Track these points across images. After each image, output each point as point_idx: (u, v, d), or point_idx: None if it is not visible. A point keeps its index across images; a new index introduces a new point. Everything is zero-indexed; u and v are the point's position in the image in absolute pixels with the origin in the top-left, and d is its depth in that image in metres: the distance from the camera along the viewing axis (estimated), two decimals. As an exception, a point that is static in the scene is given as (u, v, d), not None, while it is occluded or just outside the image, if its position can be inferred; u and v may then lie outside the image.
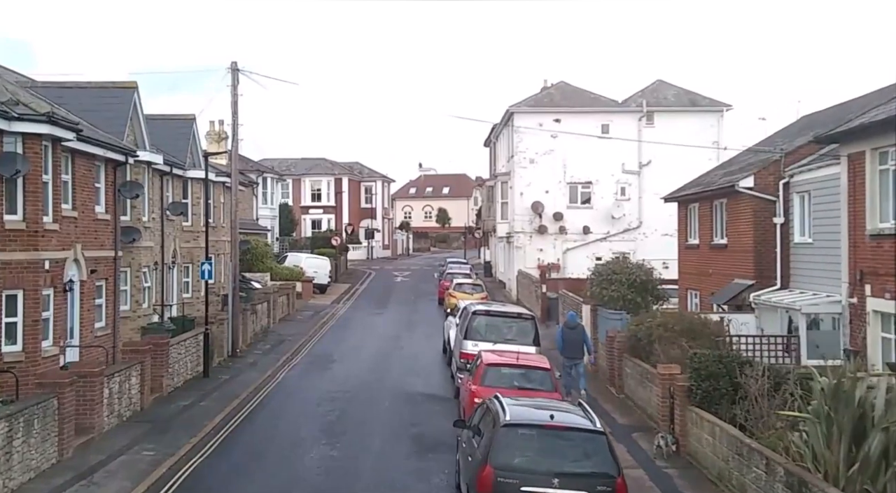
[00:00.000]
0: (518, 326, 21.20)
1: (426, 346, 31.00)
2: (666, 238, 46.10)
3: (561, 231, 47.58)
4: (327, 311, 42.75)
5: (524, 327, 21.16)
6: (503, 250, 54.87)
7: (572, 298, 29.96)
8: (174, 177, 30.90)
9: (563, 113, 47.57)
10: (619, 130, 47.16)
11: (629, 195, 47.56)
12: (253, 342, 31.70)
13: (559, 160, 47.60)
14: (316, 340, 33.08)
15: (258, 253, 48.01)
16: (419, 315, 41.40)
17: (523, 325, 21.21)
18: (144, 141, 26.77)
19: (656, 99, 47.75)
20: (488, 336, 20.98)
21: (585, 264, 46.51)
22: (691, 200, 30.25)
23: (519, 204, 47.90)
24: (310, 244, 67.56)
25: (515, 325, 21.24)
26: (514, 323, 21.26)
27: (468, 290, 40.28)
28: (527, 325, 21.21)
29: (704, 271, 28.69)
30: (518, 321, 21.26)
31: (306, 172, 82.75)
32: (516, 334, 21.06)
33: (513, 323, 21.27)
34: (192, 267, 32.25)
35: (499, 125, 54.82)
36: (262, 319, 34.97)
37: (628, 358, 20.89)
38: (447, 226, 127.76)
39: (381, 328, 36.36)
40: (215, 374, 25.13)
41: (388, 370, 25.96)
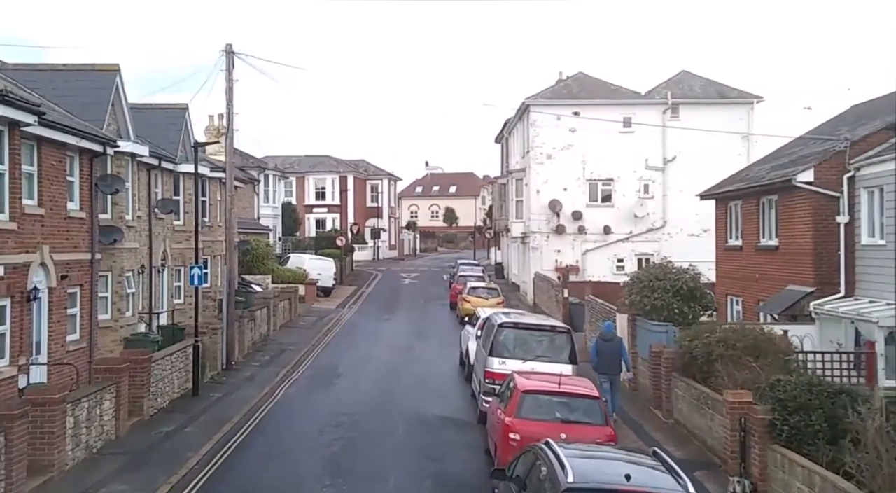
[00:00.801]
0: (551, 340, 18.38)
1: (440, 358, 28.20)
2: (692, 239, 43.48)
3: (580, 231, 44.76)
4: (332, 316, 40.00)
5: (558, 341, 18.34)
6: (517, 250, 52.07)
7: (602, 304, 27.15)
8: (164, 171, 28.20)
9: (583, 105, 44.72)
10: (642, 124, 44.37)
11: (653, 193, 44.72)
12: (251, 353, 28.96)
13: (578, 156, 44.79)
14: (319, 349, 30.32)
15: (259, 254, 45.31)
16: (430, 322, 38.61)
17: (557, 339, 18.39)
18: (129, 130, 24.06)
19: (681, 91, 44.90)
20: (517, 353, 18.18)
21: (606, 266, 43.97)
22: (733, 196, 27.43)
23: (535, 202, 45.10)
24: (314, 245, 64.84)
25: (548, 339, 18.43)
26: (546, 337, 18.44)
27: (483, 294, 37.49)
28: (561, 339, 18.38)
29: (749, 275, 25.86)
30: (551, 335, 18.44)
31: (310, 169, 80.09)
32: (549, 350, 18.25)
33: (545, 337, 18.45)
34: (185, 270, 29.50)
35: (513, 119, 52.02)
36: (261, 326, 32.23)
37: (679, 378, 18.08)
38: (454, 226, 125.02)
39: (389, 336, 33.58)
40: (206, 391, 22.38)
41: (399, 387, 23.17)
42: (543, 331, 18.54)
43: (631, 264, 44.64)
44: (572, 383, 14.66)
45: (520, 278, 50.77)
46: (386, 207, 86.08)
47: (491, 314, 20.62)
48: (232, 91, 25.93)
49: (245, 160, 57.10)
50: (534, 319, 19.87)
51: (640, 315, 21.99)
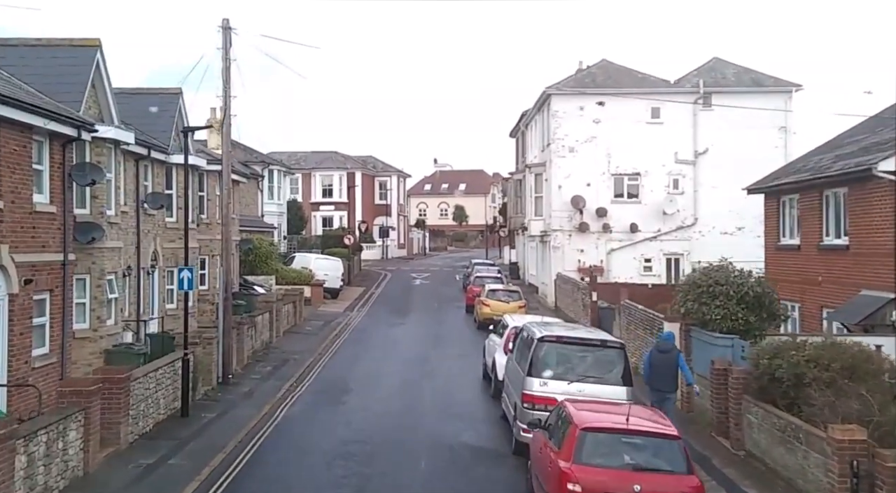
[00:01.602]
0: (601, 357, 15.49)
1: (461, 370, 25.35)
2: (725, 237, 40.66)
3: (605, 229, 41.87)
4: (339, 320, 37.21)
5: (610, 359, 15.46)
6: (535, 250, 49.20)
7: (642, 311, 24.24)
8: (154, 162, 25.41)
9: (608, 95, 41.85)
10: (671, 115, 41.52)
11: (683, 188, 41.81)
12: (250, 363, 26.18)
13: (602, 149, 41.90)
14: (326, 359, 27.51)
15: (262, 254, 42.58)
16: (447, 327, 35.76)
17: (608, 356, 15.50)
18: (112, 115, 21.30)
19: (714, 79, 41.98)
20: (561, 372, 15.32)
21: (633, 267, 41.13)
22: (789, 190, 24.53)
23: (557, 198, 42.22)
24: (320, 243, 62.08)
25: (598, 356, 15.53)
26: (595, 353, 15.54)
27: (503, 297, 34.64)
28: (613, 356, 15.50)
29: (810, 279, 22.98)
30: (601, 351, 15.54)
31: (316, 165, 77.39)
32: (599, 370, 15.38)
33: (594, 353, 15.55)
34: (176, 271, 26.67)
35: (531, 111, 49.15)
36: (262, 332, 29.46)
37: (753, 402, 15.21)
38: (464, 224, 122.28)
39: (403, 344, 30.75)
40: (198, 411, 19.59)
41: (418, 408, 20.33)
42: (592, 346, 15.65)
43: (659, 264, 41.82)
44: (643, 417, 11.79)
45: (538, 279, 47.91)
46: (395, 204, 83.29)
47: (525, 325, 17.73)
48: (229, 71, 23.16)
49: (248, 155, 54.47)
50: (582, 332, 16.91)
51: (694, 326, 19.09)
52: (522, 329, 17.75)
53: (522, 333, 17.48)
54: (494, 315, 33.47)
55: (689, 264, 41.12)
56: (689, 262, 41.36)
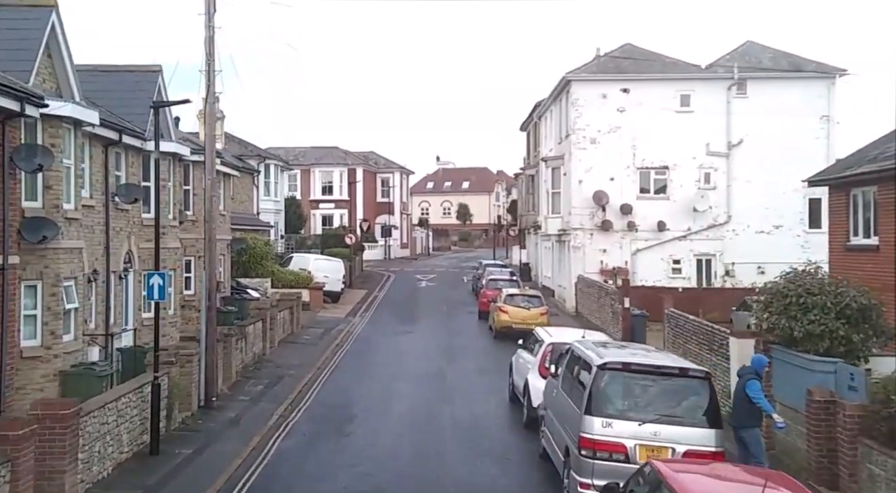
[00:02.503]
0: (680, 390, 12.03)
1: (483, 390, 21.89)
2: (761, 237, 37.36)
3: (629, 227, 38.45)
4: (341, 328, 33.79)
5: (692, 392, 12.01)
6: (550, 250, 45.78)
7: (695, 323, 20.79)
8: (129, 150, 21.99)
9: (633, 81, 38.47)
10: (702, 103, 38.14)
11: (715, 183, 38.37)
12: (240, 381, 22.76)
13: (627, 140, 38.48)
14: (326, 375, 24.09)
15: (256, 254, 39.19)
16: (460, 336, 32.30)
17: (690, 389, 12.05)
18: (72, 90, 17.91)
19: (748, 64, 38.55)
20: (631, 410, 11.87)
21: (660, 269, 37.76)
22: (866, 181, 21.06)
23: (577, 194, 38.79)
24: (320, 243, 58.69)
25: (676, 388, 12.09)
26: (674, 386, 12.09)
27: (522, 303, 31.21)
28: (695, 389, 12.04)
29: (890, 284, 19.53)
30: (682, 383, 12.07)
31: (316, 161, 73.98)
32: (680, 407, 11.93)
33: (671, 385, 12.12)
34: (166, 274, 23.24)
35: (546, 100, 45.72)
36: (254, 344, 26.03)
37: (878, 449, 11.78)
38: (468, 223, 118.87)
39: (412, 357, 27.31)
40: (172, 445, 16.20)
41: (438, 443, 16.86)
42: (669, 376, 12.19)
43: (689, 266, 38.40)
44: (775, 483, 8.37)
45: (554, 281, 44.49)
46: (398, 202, 79.86)
47: (575, 345, 14.24)
48: (213, 43, 19.70)
49: (243, 148, 51.11)
50: (654, 357, 13.30)
51: (776, 344, 15.66)
52: (570, 351, 14.29)
53: (571, 355, 14.03)
54: (513, 323, 30.17)
55: (722, 265, 37.85)
56: (721, 263, 38.10)
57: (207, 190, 20.01)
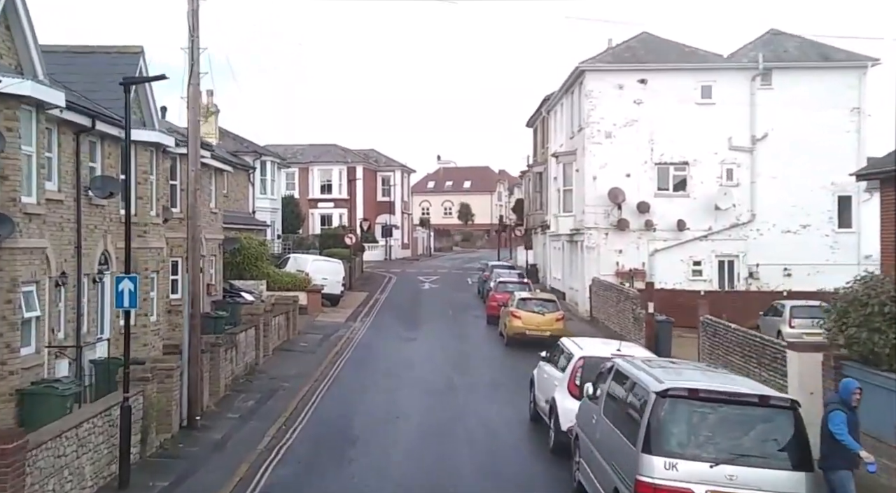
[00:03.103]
0: (761, 423, 9.77)
1: (500, 408, 19.60)
2: (788, 236, 35.16)
3: (647, 227, 36.22)
4: (341, 333, 31.57)
5: (775, 425, 9.74)
6: (560, 251, 43.56)
7: (739, 333, 18.51)
8: (105, 138, 19.71)
9: (651, 71, 36.25)
10: (724, 94, 35.94)
11: (738, 179, 36.15)
12: (228, 396, 20.50)
13: (645, 134, 36.27)
14: (325, 389, 21.82)
15: (251, 254, 37.00)
16: (469, 343, 30.05)
17: (772, 422, 9.77)
18: (35, 68, 15.67)
19: (773, 53, 36.32)
20: (700, 448, 9.62)
21: (679, 271, 35.55)
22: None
23: (591, 191, 36.55)
24: (318, 243, 56.42)
25: (755, 422, 9.82)
26: (751, 417, 9.83)
27: (536, 308, 28.95)
28: (779, 422, 9.73)
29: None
30: (760, 414, 9.79)
31: (315, 159, 71.78)
32: (760, 444, 9.69)
33: (749, 417, 9.85)
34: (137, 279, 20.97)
35: (556, 93, 43.51)
36: (246, 353, 23.77)
37: None
38: (470, 223, 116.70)
39: (418, 367, 25.07)
40: (146, 476, 13.96)
41: (455, 474, 14.52)
42: (747, 406, 9.92)
43: (710, 267, 36.18)
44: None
45: (565, 283, 42.26)
46: (399, 201, 77.59)
47: (620, 364, 11.97)
48: (197, 16, 17.47)
49: (238, 144, 48.84)
50: (722, 381, 10.81)
51: (852, 362, 13.39)
52: (613, 369, 12.04)
53: (616, 375, 11.77)
54: (526, 329, 27.98)
55: (745, 267, 35.63)
56: (744, 265, 35.87)
57: (191, 183, 17.75)
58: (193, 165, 17.67)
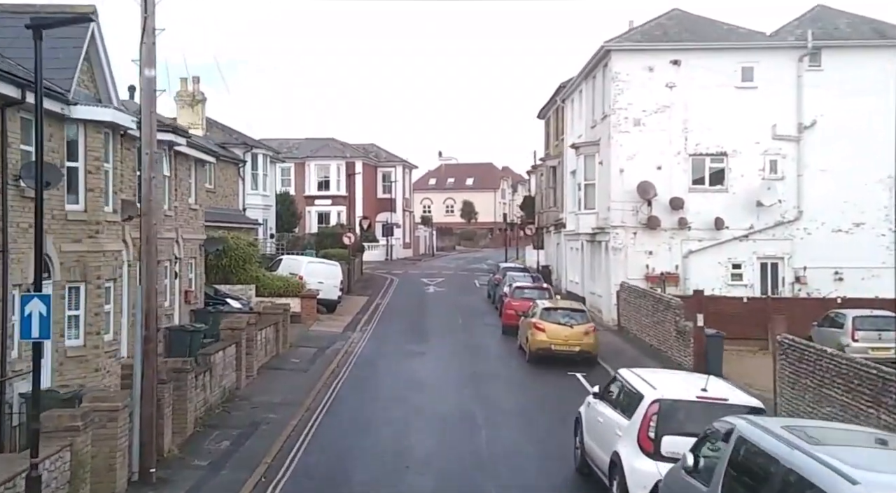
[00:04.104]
0: None
1: (536, 451, 15.78)
2: (839, 236, 31.42)
3: (680, 225, 32.41)
4: (338, 346, 27.79)
5: None
6: (578, 252, 39.75)
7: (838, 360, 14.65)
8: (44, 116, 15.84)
9: (685, 50, 32.44)
10: (767, 77, 32.16)
11: (783, 172, 32.33)
12: (199, 434, 16.65)
13: (678, 121, 32.47)
14: (317, 422, 17.97)
15: (238, 256, 33.20)
16: (485, 360, 26.20)
17: None
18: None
19: (823, 30, 32.50)
20: None
21: (717, 275, 31.84)
22: None
23: (617, 186, 32.73)
24: (315, 243, 52.60)
25: None
26: None
27: (563, 319, 25.08)
28: None
29: None
30: None
31: (312, 154, 67.96)
32: None
33: None
34: (87, 289, 17.16)
35: (574, 79, 39.68)
36: (224, 376, 19.90)
37: None
38: (473, 221, 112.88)
39: (429, 391, 21.23)
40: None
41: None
42: None
43: (751, 271, 32.41)
44: None
45: (585, 287, 38.44)
46: (400, 198, 73.73)
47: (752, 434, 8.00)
48: (153, -44, 13.62)
49: (227, 136, 45.07)
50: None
51: None
52: (739, 439, 8.17)
53: (749, 453, 7.91)
54: (552, 344, 24.21)
55: (791, 270, 31.86)
56: (790, 268, 32.07)
57: (145, 169, 13.91)
58: (148, 146, 13.82)
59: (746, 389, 15.65)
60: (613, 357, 25.81)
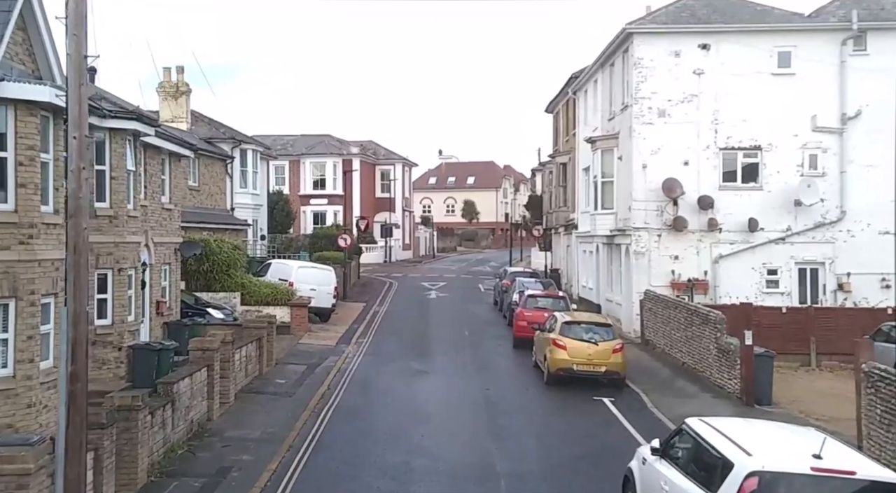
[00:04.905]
0: None
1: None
2: (887, 239, 28.11)
3: (710, 227, 29.31)
4: (330, 363, 24.71)
5: None
6: (594, 255, 36.66)
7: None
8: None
9: (716, 33, 29.34)
10: (806, 62, 29.02)
11: (824, 168, 29.24)
12: (153, 485, 13.51)
13: (707, 112, 29.38)
14: (300, 469, 14.78)
15: (222, 261, 30.17)
16: (497, 380, 23.01)
17: None
18: None
19: (868, 11, 29.39)
20: None
21: (750, 282, 28.78)
22: None
23: (639, 183, 29.63)
24: (308, 245, 49.49)
25: None
26: None
27: (586, 335, 21.90)
28: None
29: None
30: None
31: (307, 151, 64.91)
32: None
33: None
34: (18, 307, 14.02)
35: (591, 67, 36.53)
36: (192, 407, 16.75)
37: None
38: (475, 221, 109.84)
39: (436, 427, 18.02)
40: None
41: None
42: None
43: (789, 278, 29.29)
44: None
45: (600, 294, 35.32)
46: (399, 198, 70.62)
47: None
48: None
49: (214, 130, 42.04)
50: None
51: None
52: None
53: None
54: (575, 364, 21.15)
55: (834, 276, 28.78)
56: (832, 274, 28.97)
57: (72, 158, 10.74)
58: (76, 128, 10.66)
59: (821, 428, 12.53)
60: (643, 377, 22.73)
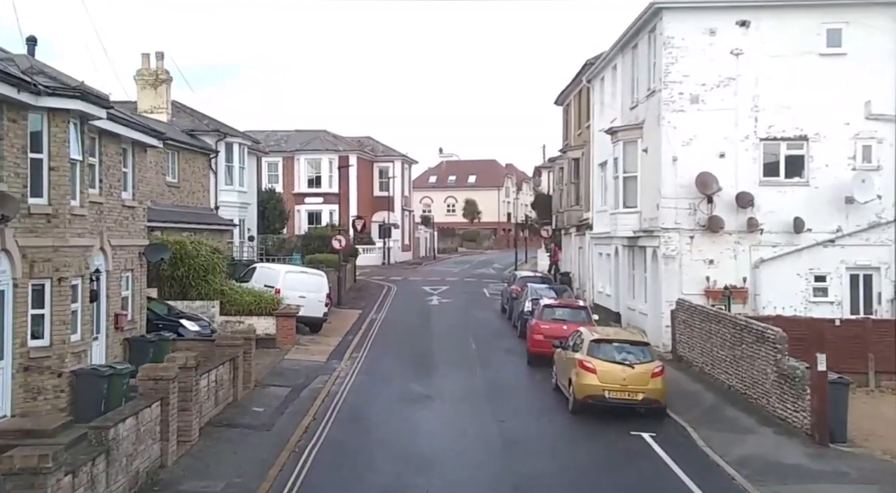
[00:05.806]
0: None
1: None
2: (953, 241, 24.72)
3: (749, 227, 25.96)
4: (318, 384, 21.37)
5: None
6: (612, 258, 33.31)
7: None
8: None
9: (756, 8, 26.02)
10: (859, 41, 25.74)
11: (879, 161, 25.90)
12: (68, 572, 10.14)
13: (746, 98, 26.03)
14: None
15: (199, 265, 26.87)
16: (513, 409, 19.46)
17: None
18: None
19: (928, -18, 26.06)
20: None
21: (795, 289, 25.36)
22: None
23: (668, 178, 26.27)
24: (300, 246, 46.16)
25: None
26: None
27: (618, 355, 18.50)
28: None
29: None
30: None
31: (301, 147, 61.73)
32: None
33: None
34: None
35: (610, 51, 33.12)
36: (138, 454, 13.30)
37: None
38: (476, 221, 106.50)
39: (441, 473, 14.64)
40: None
41: None
42: None
43: (839, 285, 25.91)
44: None
45: (621, 302, 31.94)
46: (399, 196, 67.30)
47: None
48: None
49: (197, 121, 38.81)
50: None
51: None
52: None
53: None
54: (607, 390, 17.85)
55: (891, 283, 25.38)
56: (889, 280, 25.61)
57: None
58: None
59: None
60: (684, 404, 19.33)
